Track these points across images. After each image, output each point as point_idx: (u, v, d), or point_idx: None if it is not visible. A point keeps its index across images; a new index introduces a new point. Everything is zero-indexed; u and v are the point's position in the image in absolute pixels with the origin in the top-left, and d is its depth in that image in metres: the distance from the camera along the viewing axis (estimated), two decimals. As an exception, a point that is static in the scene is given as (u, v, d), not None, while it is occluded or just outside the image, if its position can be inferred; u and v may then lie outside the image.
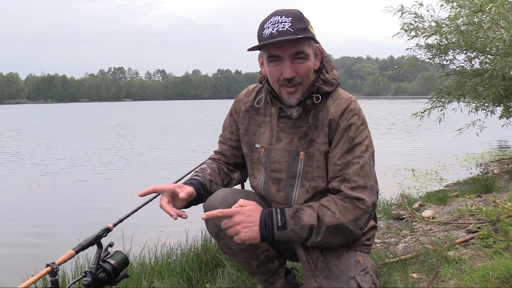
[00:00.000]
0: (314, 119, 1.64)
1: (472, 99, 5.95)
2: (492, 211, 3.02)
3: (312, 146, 1.63)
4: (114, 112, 48.93)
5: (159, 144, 14.58)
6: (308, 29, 1.53)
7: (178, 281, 2.51)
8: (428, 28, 5.63)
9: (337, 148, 1.58)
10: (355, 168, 1.53)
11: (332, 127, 1.60)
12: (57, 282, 1.41)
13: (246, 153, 1.81)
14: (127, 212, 1.73)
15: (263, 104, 1.75)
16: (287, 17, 1.50)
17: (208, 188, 1.73)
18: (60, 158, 11.37)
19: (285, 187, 1.68)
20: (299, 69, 1.54)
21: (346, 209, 1.50)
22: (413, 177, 7.13)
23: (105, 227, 1.59)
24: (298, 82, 1.56)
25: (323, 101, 1.64)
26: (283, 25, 1.48)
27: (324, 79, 1.63)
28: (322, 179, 1.63)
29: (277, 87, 1.61)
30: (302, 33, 1.49)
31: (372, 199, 1.53)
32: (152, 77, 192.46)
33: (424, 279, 2.20)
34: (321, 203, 1.54)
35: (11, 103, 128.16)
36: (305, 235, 1.51)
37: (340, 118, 1.59)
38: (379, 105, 53.22)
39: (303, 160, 1.63)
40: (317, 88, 1.61)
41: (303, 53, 1.53)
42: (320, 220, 1.49)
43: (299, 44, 1.51)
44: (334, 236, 1.52)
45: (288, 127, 1.67)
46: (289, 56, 1.52)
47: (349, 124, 1.58)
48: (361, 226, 1.53)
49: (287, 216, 1.51)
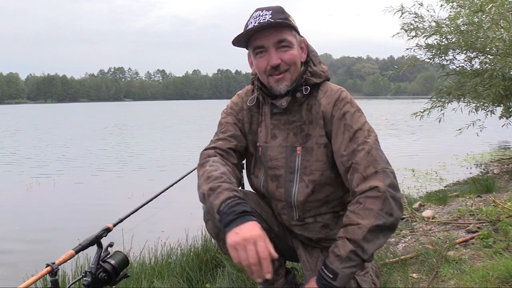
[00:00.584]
0: (307, 113, 1.65)
1: (472, 99, 5.95)
2: (492, 211, 3.03)
3: (309, 140, 1.64)
4: (114, 112, 48.95)
5: (159, 144, 14.58)
6: (288, 20, 1.59)
7: (178, 281, 2.51)
8: (428, 28, 5.64)
9: (338, 139, 1.58)
10: (362, 155, 1.50)
11: (327, 119, 1.61)
12: (57, 282, 1.41)
13: (252, 152, 1.78)
14: (127, 212, 1.73)
15: (257, 103, 1.75)
16: (268, 11, 1.58)
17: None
18: (60, 158, 11.37)
19: (284, 183, 1.67)
20: (284, 57, 1.58)
21: (366, 210, 1.43)
22: (413, 177, 7.13)
23: (105, 227, 1.59)
24: (285, 70, 1.60)
25: (314, 95, 1.66)
26: (264, 17, 1.56)
27: (312, 71, 1.66)
28: (320, 172, 1.63)
29: (265, 78, 1.63)
30: (283, 23, 1.56)
31: (387, 181, 1.45)
32: (152, 77, 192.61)
33: (424, 279, 2.19)
34: (344, 224, 1.47)
35: (11, 103, 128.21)
36: (356, 261, 1.43)
37: (333, 108, 1.61)
38: (379, 105, 53.21)
39: (301, 155, 1.64)
40: (305, 80, 1.64)
41: (286, 40, 1.58)
42: (352, 240, 1.42)
43: (281, 32, 1.57)
44: (376, 237, 1.44)
45: (282, 124, 1.68)
46: (273, 44, 1.58)
47: (343, 113, 1.59)
48: (391, 211, 1.43)
49: (329, 264, 1.45)
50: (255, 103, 1.76)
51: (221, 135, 1.73)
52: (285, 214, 1.73)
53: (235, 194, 1.42)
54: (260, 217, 1.74)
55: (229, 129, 1.74)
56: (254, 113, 1.77)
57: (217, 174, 1.51)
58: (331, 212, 1.70)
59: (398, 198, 1.46)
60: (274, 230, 1.78)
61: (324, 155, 1.62)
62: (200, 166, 1.63)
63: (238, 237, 1.29)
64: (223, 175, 1.51)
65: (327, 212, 1.70)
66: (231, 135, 1.72)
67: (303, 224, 1.72)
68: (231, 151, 1.69)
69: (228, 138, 1.72)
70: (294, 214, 1.71)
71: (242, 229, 1.30)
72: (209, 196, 1.46)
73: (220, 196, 1.42)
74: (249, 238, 1.28)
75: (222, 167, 1.57)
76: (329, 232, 1.71)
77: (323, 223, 1.71)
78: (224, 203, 1.38)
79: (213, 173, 1.52)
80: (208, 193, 1.46)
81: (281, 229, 1.80)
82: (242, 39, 1.61)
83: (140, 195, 6.33)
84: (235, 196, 1.40)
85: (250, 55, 1.69)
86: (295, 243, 1.81)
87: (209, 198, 1.45)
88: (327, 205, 1.69)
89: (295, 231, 1.76)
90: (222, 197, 1.41)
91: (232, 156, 1.69)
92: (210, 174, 1.52)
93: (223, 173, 1.52)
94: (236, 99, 1.83)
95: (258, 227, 1.32)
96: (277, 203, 1.73)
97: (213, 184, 1.47)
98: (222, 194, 1.42)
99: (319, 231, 1.72)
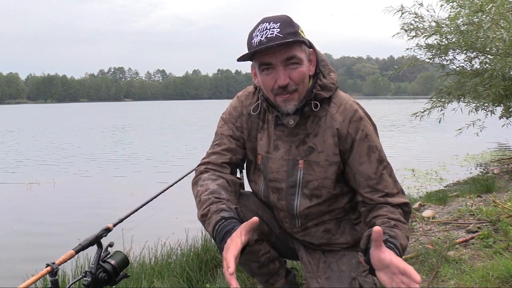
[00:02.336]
0: (313, 125, 1.59)
1: (472, 99, 5.95)
2: (492, 211, 3.03)
3: (311, 153, 1.58)
4: (114, 112, 48.93)
5: (159, 144, 14.58)
6: (298, 33, 1.47)
7: (178, 281, 2.51)
8: (428, 28, 5.63)
9: (363, 162, 1.54)
10: (388, 178, 1.55)
11: (342, 137, 1.55)
12: (57, 282, 1.41)
13: (251, 159, 1.73)
14: (127, 212, 1.73)
15: (260, 109, 1.68)
16: (275, 23, 1.44)
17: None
18: (60, 158, 11.37)
19: (285, 196, 1.65)
20: (293, 75, 1.47)
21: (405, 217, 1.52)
22: (413, 177, 7.12)
23: (105, 227, 1.59)
24: (293, 89, 1.49)
25: (324, 107, 1.59)
26: (272, 31, 1.42)
27: (322, 84, 1.56)
28: (327, 189, 1.60)
29: (272, 96, 1.53)
30: (292, 37, 1.43)
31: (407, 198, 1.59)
32: (152, 77, 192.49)
33: (424, 279, 2.19)
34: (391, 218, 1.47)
35: (11, 103, 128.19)
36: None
37: (349, 126, 1.55)
38: (379, 105, 53.21)
39: (303, 169, 1.60)
40: (315, 94, 1.55)
41: (296, 57, 1.46)
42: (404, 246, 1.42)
43: (290, 48, 1.45)
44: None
45: (286, 135, 1.62)
46: (281, 62, 1.45)
47: (366, 134, 1.55)
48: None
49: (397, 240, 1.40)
50: (260, 111, 1.67)
51: (216, 148, 1.69)
52: (287, 223, 1.72)
53: (222, 216, 1.42)
54: (261, 219, 1.72)
55: (223, 142, 1.69)
56: (255, 119, 1.69)
57: (205, 196, 1.51)
58: (334, 219, 1.69)
59: None
60: (275, 232, 1.78)
61: (334, 174, 1.58)
62: (193, 185, 1.64)
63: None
64: (210, 195, 1.51)
65: (330, 219, 1.69)
66: (226, 149, 1.67)
67: (305, 230, 1.71)
68: (225, 165, 1.66)
69: (222, 152, 1.67)
70: (296, 222, 1.70)
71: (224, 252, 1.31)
72: (203, 223, 1.51)
73: (211, 223, 1.45)
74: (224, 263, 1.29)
75: (211, 184, 1.55)
76: (331, 237, 1.70)
77: (325, 229, 1.70)
78: (214, 231, 1.42)
79: (202, 196, 1.53)
80: (202, 220, 1.52)
81: (282, 231, 1.79)
82: (247, 55, 1.49)
83: (140, 195, 6.34)
84: (222, 218, 1.42)
85: (254, 66, 1.57)
86: (296, 245, 1.81)
87: (204, 225, 1.51)
88: (330, 213, 1.68)
89: (297, 237, 1.75)
90: (212, 223, 1.43)
91: (227, 169, 1.66)
92: (200, 198, 1.53)
93: (211, 192, 1.52)
94: (236, 103, 1.74)
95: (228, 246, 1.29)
96: (279, 212, 1.72)
97: (204, 211, 1.49)
98: (212, 220, 1.44)
99: (321, 236, 1.71)
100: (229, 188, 1.58)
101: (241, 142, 1.70)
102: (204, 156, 1.71)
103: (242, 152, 1.71)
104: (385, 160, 1.58)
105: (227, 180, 1.60)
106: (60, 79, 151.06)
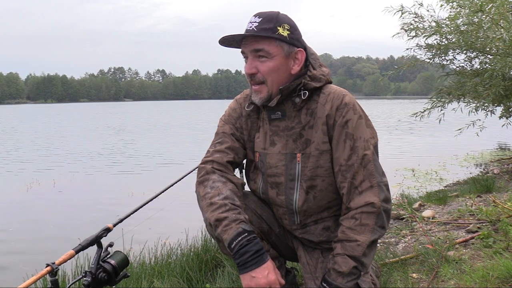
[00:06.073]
0: (307, 118, 1.62)
1: (472, 99, 5.95)
2: (492, 211, 3.02)
3: (308, 146, 1.61)
4: (114, 112, 48.92)
5: (159, 144, 14.58)
6: (274, 29, 1.55)
7: (178, 281, 2.51)
8: (428, 28, 5.63)
9: (339, 148, 1.56)
10: (359, 169, 1.52)
11: (330, 124, 1.58)
12: (57, 282, 1.41)
13: (251, 158, 1.75)
14: (127, 212, 1.73)
15: (256, 108, 1.72)
16: (259, 18, 1.57)
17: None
18: (60, 158, 11.36)
19: (285, 191, 1.66)
20: (260, 67, 1.58)
21: (362, 226, 1.49)
22: (413, 177, 7.12)
23: (105, 227, 1.59)
24: (260, 81, 1.59)
25: (315, 98, 1.62)
26: (251, 25, 1.56)
27: (311, 75, 1.62)
28: (322, 178, 1.61)
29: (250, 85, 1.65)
30: (264, 33, 1.53)
31: (382, 196, 1.51)
32: (152, 77, 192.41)
33: (424, 279, 2.19)
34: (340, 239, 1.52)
35: (11, 103, 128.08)
36: (357, 274, 1.51)
37: (336, 113, 1.57)
38: (379, 105, 53.19)
39: (301, 161, 1.61)
40: (304, 84, 1.60)
41: (263, 51, 1.56)
42: (353, 257, 1.49)
43: (259, 42, 1.56)
44: (372, 250, 1.53)
45: (281, 130, 1.65)
46: (251, 53, 1.58)
47: (346, 121, 1.56)
48: (383, 224, 1.52)
49: (332, 281, 1.49)
50: (254, 108, 1.72)
51: (218, 146, 1.70)
52: (286, 219, 1.72)
53: (243, 228, 1.46)
54: (261, 217, 1.73)
55: (226, 140, 1.71)
56: (254, 119, 1.73)
57: (220, 201, 1.52)
58: (332, 216, 1.70)
59: (389, 211, 1.55)
60: (274, 231, 1.78)
61: (327, 162, 1.60)
62: (199, 184, 1.63)
63: (254, 283, 1.40)
64: (226, 200, 1.52)
65: (329, 216, 1.69)
66: (229, 147, 1.70)
67: (304, 227, 1.72)
68: (229, 165, 1.68)
69: (226, 151, 1.69)
70: (295, 219, 1.70)
71: (258, 273, 1.40)
72: (216, 227, 1.50)
73: (228, 230, 1.46)
74: (264, 285, 1.39)
75: (224, 188, 1.56)
76: (330, 235, 1.70)
77: (324, 226, 1.70)
78: (235, 241, 1.44)
79: (215, 199, 1.53)
80: (215, 224, 1.50)
81: (281, 230, 1.80)
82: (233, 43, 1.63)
83: (140, 195, 6.34)
84: (244, 231, 1.46)
85: None
86: (295, 244, 1.81)
87: (217, 229, 1.49)
88: (329, 210, 1.68)
89: (296, 234, 1.76)
90: (232, 232, 1.46)
91: (231, 169, 1.69)
92: (213, 201, 1.53)
93: (226, 197, 1.53)
94: (234, 104, 1.78)
95: (272, 269, 1.43)
96: (278, 208, 1.72)
97: (219, 215, 1.49)
98: (231, 228, 1.47)
99: (320, 234, 1.71)
100: (239, 193, 1.62)
101: (242, 143, 1.73)
102: (206, 154, 1.71)
103: (243, 152, 1.74)
104: (363, 150, 1.54)
105: (235, 185, 1.63)
106: (60, 79, 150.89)
